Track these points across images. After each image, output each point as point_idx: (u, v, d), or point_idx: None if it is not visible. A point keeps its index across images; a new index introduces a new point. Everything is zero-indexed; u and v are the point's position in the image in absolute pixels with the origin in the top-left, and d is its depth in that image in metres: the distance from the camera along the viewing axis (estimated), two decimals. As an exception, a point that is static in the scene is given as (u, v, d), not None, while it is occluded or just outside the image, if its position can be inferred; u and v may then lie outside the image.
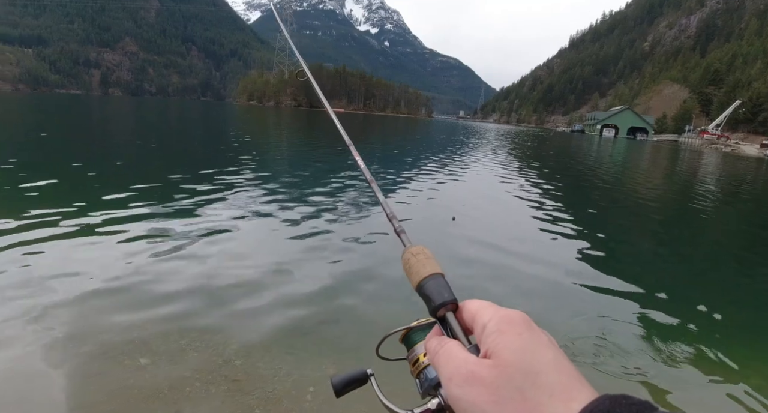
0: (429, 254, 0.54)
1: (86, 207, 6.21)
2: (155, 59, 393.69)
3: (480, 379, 0.37)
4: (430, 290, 0.49)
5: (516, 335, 0.38)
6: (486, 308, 0.43)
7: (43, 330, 3.13)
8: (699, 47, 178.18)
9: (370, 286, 4.40)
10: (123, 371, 2.78)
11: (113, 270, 4.17)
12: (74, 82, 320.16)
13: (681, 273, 5.99)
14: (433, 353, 0.44)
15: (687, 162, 33.76)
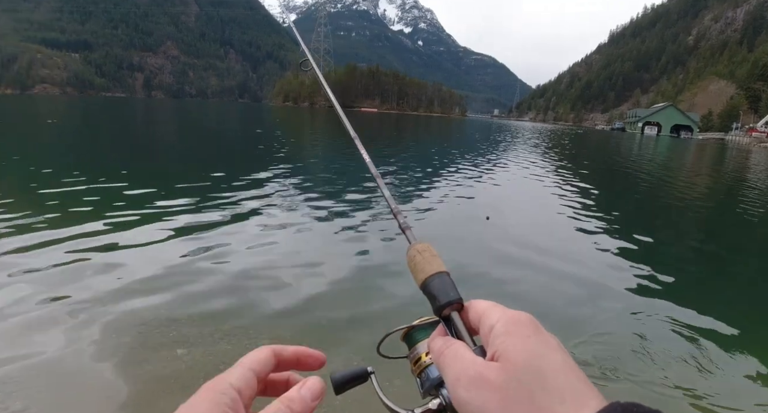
0: (434, 251, 0.53)
1: (125, 205, 6.43)
2: (195, 62, 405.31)
3: (488, 382, 0.36)
4: (436, 288, 0.49)
5: (524, 337, 0.38)
6: (493, 310, 0.42)
7: (84, 322, 3.32)
8: (746, 41, 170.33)
9: (391, 284, 4.42)
10: (160, 361, 2.92)
11: (150, 267, 4.34)
12: (119, 86, 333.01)
13: (723, 280, 5.80)
14: (438, 353, 0.43)
15: (734, 162, 32.38)
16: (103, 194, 7.43)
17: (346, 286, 4.35)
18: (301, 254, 5.07)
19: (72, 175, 8.63)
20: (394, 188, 9.81)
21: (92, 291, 3.78)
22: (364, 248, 5.56)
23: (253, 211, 6.87)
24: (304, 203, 7.76)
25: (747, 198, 13.50)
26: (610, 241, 6.82)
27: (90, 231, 5.26)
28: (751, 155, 42.28)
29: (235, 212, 6.51)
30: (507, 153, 21.90)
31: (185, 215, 6.31)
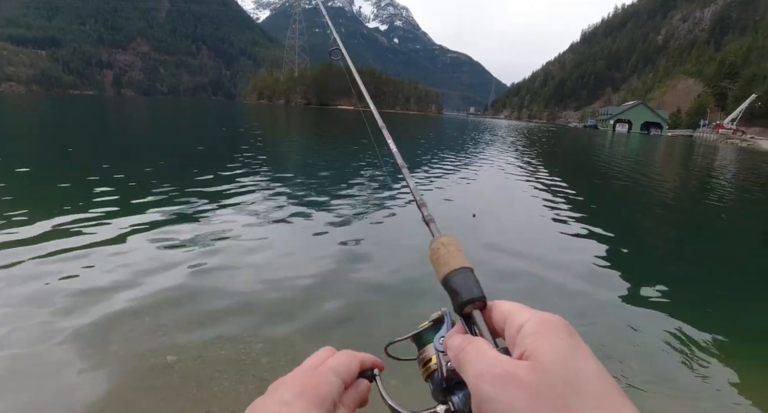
0: (459, 246, 0.51)
1: (109, 211, 6.22)
2: (166, 59, 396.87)
3: (517, 380, 0.34)
4: (458, 284, 0.46)
5: (558, 339, 0.36)
6: (521, 310, 0.40)
7: (69, 330, 3.14)
8: (714, 40, 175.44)
9: (392, 283, 4.36)
10: (150, 369, 2.77)
11: (132, 272, 4.16)
12: (87, 83, 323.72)
13: (698, 273, 5.86)
14: (458, 349, 0.41)
15: (703, 158, 33.25)
16: (77, 196, 7.15)
17: (336, 286, 4.24)
18: (290, 255, 4.93)
19: (46, 175, 8.28)
20: (378, 184, 9.69)
21: (72, 298, 3.58)
22: (352, 247, 5.46)
23: (239, 212, 6.68)
24: (290, 203, 7.62)
25: (718, 193, 13.82)
26: (587, 239, 6.85)
27: (65, 234, 5.04)
28: (718, 151, 43.52)
29: (220, 215, 6.30)
30: (486, 150, 22.01)
31: (169, 217, 6.10)
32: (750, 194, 14.47)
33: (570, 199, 9.65)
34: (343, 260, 4.85)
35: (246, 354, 2.97)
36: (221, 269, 4.35)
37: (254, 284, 4.08)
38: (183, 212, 6.31)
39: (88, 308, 3.44)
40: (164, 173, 9.25)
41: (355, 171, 11.34)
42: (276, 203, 7.21)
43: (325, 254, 5.03)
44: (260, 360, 2.93)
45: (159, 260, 4.43)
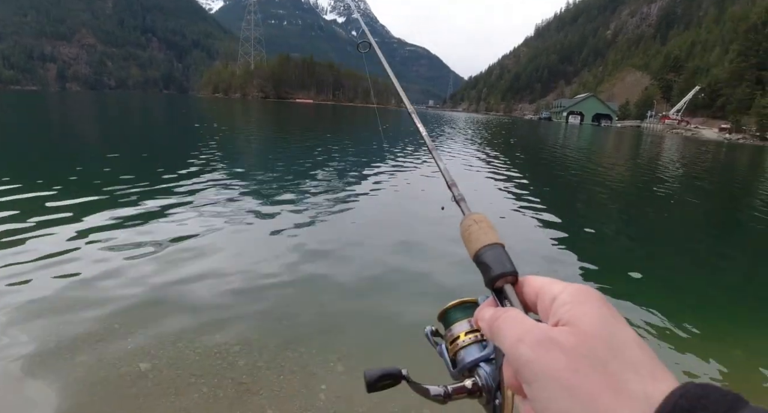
0: (491, 223, 0.52)
1: (70, 210, 5.95)
2: (114, 52, 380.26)
3: (557, 343, 0.34)
4: (490, 259, 0.47)
5: (595, 307, 0.36)
6: (554, 282, 0.41)
7: (32, 341, 2.99)
8: (660, 35, 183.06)
9: (363, 281, 4.33)
10: (123, 378, 2.65)
11: (100, 275, 4.00)
12: (30, 78, 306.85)
13: (647, 253, 6.12)
14: (493, 318, 0.40)
15: (651, 147, 34.70)
16: (32, 200, 6.77)
17: (307, 285, 4.18)
18: (258, 256, 4.82)
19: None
20: (339, 179, 9.62)
21: (30, 308, 3.36)
22: (321, 246, 5.41)
23: (203, 214, 6.51)
24: (257, 202, 7.46)
25: (664, 179, 14.45)
26: (550, 226, 7.03)
27: (21, 238, 4.79)
28: (665, 141, 45.52)
29: (183, 216, 6.06)
30: (447, 143, 22.19)
31: (132, 220, 5.88)
32: (696, 179, 15.22)
33: (529, 190, 9.88)
34: (312, 260, 4.79)
35: (222, 358, 2.90)
36: (189, 272, 4.21)
37: (224, 286, 3.97)
38: (148, 214, 6.08)
39: (50, 318, 3.25)
40: (124, 173, 8.87)
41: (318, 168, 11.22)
42: (241, 204, 7.05)
43: (293, 253, 4.96)
44: (237, 362, 2.86)
45: (124, 266, 4.25)
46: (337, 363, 2.93)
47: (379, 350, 3.19)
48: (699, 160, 24.70)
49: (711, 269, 5.69)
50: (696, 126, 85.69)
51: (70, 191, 6.80)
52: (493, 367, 0.48)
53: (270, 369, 2.81)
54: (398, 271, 4.54)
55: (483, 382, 0.47)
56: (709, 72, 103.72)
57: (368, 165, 11.80)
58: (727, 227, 8.68)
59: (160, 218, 5.80)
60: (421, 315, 3.61)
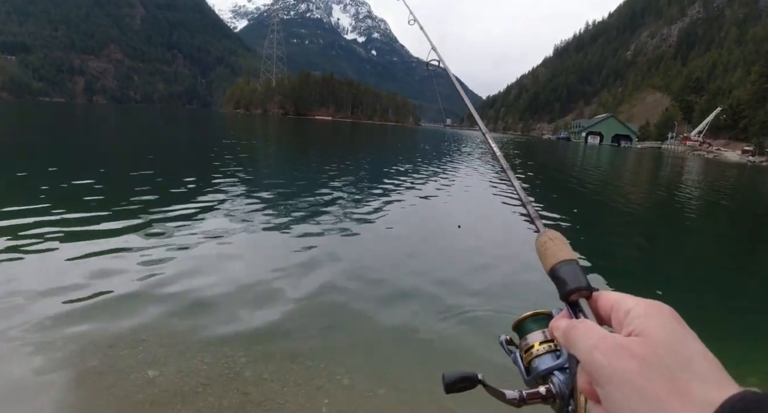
0: (565, 240, 0.54)
1: (88, 220, 6.10)
2: (140, 66, 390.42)
3: (629, 351, 0.36)
4: (566, 274, 0.49)
5: (667, 320, 0.38)
6: (629, 297, 0.43)
7: (46, 344, 3.05)
8: (680, 56, 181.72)
9: (368, 290, 4.37)
10: (131, 385, 2.69)
11: (113, 283, 4.08)
12: (58, 91, 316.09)
13: (672, 277, 6.05)
14: (569, 326, 0.43)
15: (672, 168, 34.26)
16: (48, 207, 6.96)
17: (315, 298, 4.21)
18: (269, 267, 4.87)
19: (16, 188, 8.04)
20: (357, 196, 9.72)
21: (45, 312, 3.45)
22: (333, 259, 5.45)
23: (218, 224, 6.63)
24: (260, 213, 7.54)
25: (686, 202, 14.25)
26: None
27: (45, 248, 4.88)
28: (686, 162, 44.90)
29: (198, 228, 6.19)
30: (465, 161, 22.23)
31: (149, 228, 6.00)
32: (718, 202, 14.99)
33: (548, 208, 9.85)
34: (325, 274, 4.82)
35: (229, 368, 2.93)
36: (201, 282, 4.28)
37: (235, 297, 4.03)
38: (164, 224, 6.20)
39: (63, 324, 3.32)
40: (153, 184, 9.09)
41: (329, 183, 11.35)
42: (256, 216, 7.15)
43: (306, 266, 5.01)
44: (244, 373, 2.89)
45: (137, 274, 4.34)
46: (343, 376, 2.94)
47: (386, 365, 3.18)
48: (721, 182, 24.30)
49: (731, 292, 5.61)
50: (718, 148, 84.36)
51: (89, 200, 6.99)
52: (566, 375, 0.51)
53: (275, 381, 2.83)
54: (410, 289, 4.55)
55: (557, 389, 0.50)
56: (730, 93, 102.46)
57: (385, 182, 11.89)
58: (750, 251, 8.53)
59: (175, 228, 5.91)
60: (433, 333, 3.63)
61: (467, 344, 3.55)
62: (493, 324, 3.88)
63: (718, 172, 34.20)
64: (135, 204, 7.05)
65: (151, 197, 7.62)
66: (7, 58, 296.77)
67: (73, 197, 7.29)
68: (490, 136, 0.83)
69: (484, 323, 3.94)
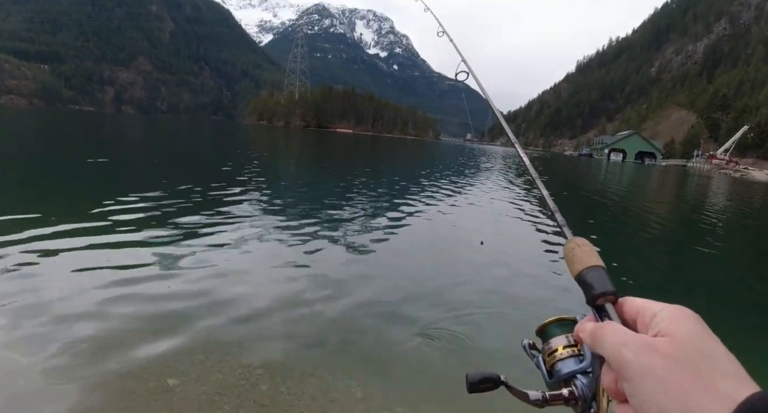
0: (593, 247, 0.56)
1: (103, 226, 6.22)
2: (168, 78, 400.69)
3: (657, 349, 0.38)
4: (593, 279, 0.51)
5: (692, 323, 0.40)
6: (655, 303, 0.44)
7: (66, 348, 3.08)
8: (706, 73, 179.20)
9: (392, 303, 4.35)
10: (150, 392, 2.73)
11: (136, 291, 4.14)
12: (88, 99, 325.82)
13: (694, 290, 5.90)
14: (596, 327, 0.45)
15: (698, 187, 33.58)
16: (72, 212, 7.13)
17: (332, 311, 4.18)
18: (285, 278, 4.88)
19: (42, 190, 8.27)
20: (377, 209, 9.75)
21: (70, 316, 3.52)
22: (352, 270, 5.45)
23: (238, 237, 6.69)
24: (281, 226, 7.62)
25: (714, 222, 13.92)
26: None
27: (58, 250, 5.01)
28: (712, 181, 43.97)
29: (221, 238, 6.24)
30: (485, 176, 22.16)
31: (172, 235, 6.11)
32: (745, 224, 14.61)
33: (570, 221, 9.71)
34: (344, 286, 4.81)
35: (245, 379, 2.95)
36: (219, 292, 4.30)
37: (255, 308, 4.04)
38: (184, 232, 6.29)
39: (87, 328, 3.38)
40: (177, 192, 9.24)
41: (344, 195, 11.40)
42: (276, 226, 7.21)
43: (325, 278, 5.02)
44: (260, 385, 2.91)
45: (159, 283, 4.39)
46: (357, 390, 2.95)
47: (402, 381, 3.17)
48: (748, 202, 23.70)
49: (753, 307, 5.44)
50: (745, 167, 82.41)
51: (112, 207, 7.11)
52: (589, 379, 0.52)
53: (291, 395, 2.85)
54: (429, 306, 4.49)
55: (580, 392, 0.51)
56: (758, 111, 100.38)
57: (405, 196, 11.89)
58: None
59: (196, 238, 5.96)
60: (450, 350, 3.61)
61: (485, 362, 3.54)
62: (512, 339, 3.85)
63: (744, 191, 33.38)
64: (159, 211, 7.15)
65: (175, 205, 7.73)
66: (40, 67, 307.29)
67: (94, 203, 7.43)
68: (520, 146, 0.89)
69: (502, 341, 3.91)
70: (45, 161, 13.45)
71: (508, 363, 3.34)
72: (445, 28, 1.54)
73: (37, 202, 7.20)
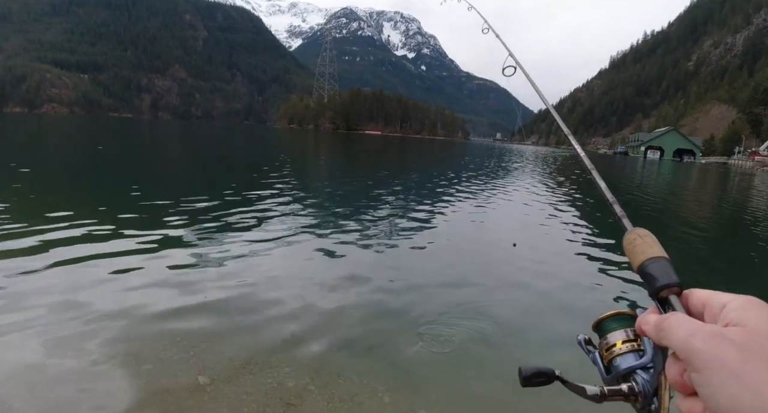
0: (655, 238, 0.54)
1: (141, 227, 6.42)
2: (202, 85, 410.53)
3: (728, 338, 0.37)
4: (656, 270, 0.49)
5: (765, 312, 0.39)
6: (722, 294, 0.43)
7: (101, 346, 3.21)
8: (746, 66, 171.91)
9: (422, 306, 4.36)
10: (182, 389, 2.80)
11: (169, 290, 4.28)
12: (126, 106, 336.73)
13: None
14: (662, 319, 0.44)
15: (739, 184, 32.34)
16: (108, 213, 7.35)
17: (358, 311, 4.23)
18: (316, 280, 4.94)
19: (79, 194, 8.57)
20: (407, 211, 9.81)
21: (107, 315, 3.66)
22: (372, 274, 5.51)
23: (268, 236, 6.80)
24: (312, 227, 7.68)
25: (756, 217, 13.44)
26: (622, 270, 6.77)
27: (98, 252, 5.20)
28: (754, 179, 42.25)
29: (249, 238, 6.35)
30: (515, 176, 21.93)
31: (205, 238, 6.26)
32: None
33: (602, 229, 9.57)
34: (372, 289, 4.84)
35: (273, 378, 2.99)
36: (252, 292, 4.40)
37: (283, 308, 4.11)
38: (216, 233, 6.45)
39: (121, 326, 3.50)
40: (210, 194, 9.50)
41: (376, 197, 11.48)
42: (309, 227, 7.30)
43: (354, 280, 5.07)
44: (287, 383, 2.95)
45: (192, 283, 4.52)
46: (384, 394, 2.94)
47: (430, 385, 3.15)
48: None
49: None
50: (791, 164, 78.72)
51: (146, 209, 7.36)
52: (650, 374, 0.51)
53: (321, 394, 2.87)
54: (459, 310, 4.43)
55: (640, 388, 0.50)
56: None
57: (435, 197, 11.90)
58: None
59: (228, 239, 6.10)
60: (477, 353, 3.59)
61: (522, 364, 3.59)
62: (551, 339, 3.84)
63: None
64: (192, 214, 7.34)
65: (208, 207, 7.92)
66: (80, 76, 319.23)
67: (129, 205, 7.73)
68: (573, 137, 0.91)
69: (540, 342, 3.88)
70: (86, 164, 14.02)
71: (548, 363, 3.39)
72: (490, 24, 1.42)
73: (76, 204, 7.54)
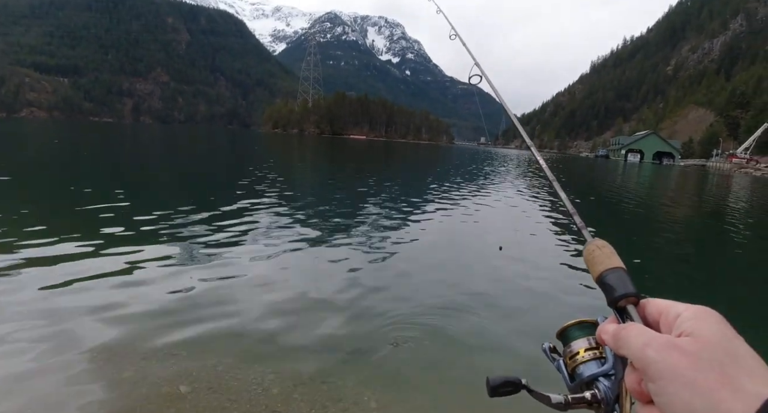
0: (612, 249, 0.56)
1: (124, 234, 6.35)
2: (185, 88, 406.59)
3: (681, 348, 0.38)
4: (614, 281, 0.51)
5: (715, 323, 0.40)
6: (677, 304, 0.44)
7: (82, 354, 3.14)
8: (723, 70, 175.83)
9: (407, 309, 4.36)
10: (162, 398, 2.74)
11: (150, 297, 4.23)
12: (107, 111, 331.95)
13: (716, 291, 5.87)
14: (619, 329, 0.45)
15: (718, 186, 33.02)
16: (91, 222, 7.24)
17: (341, 320, 4.18)
18: (298, 285, 4.94)
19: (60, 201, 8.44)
20: (393, 216, 9.83)
21: (84, 323, 3.59)
22: (359, 275, 5.52)
23: (247, 245, 6.77)
24: (295, 233, 7.64)
25: (733, 218, 13.73)
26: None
27: (77, 260, 5.14)
28: (733, 181, 43.17)
29: (230, 246, 6.29)
30: (499, 179, 22.11)
31: (185, 245, 6.19)
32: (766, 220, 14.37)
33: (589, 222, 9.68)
34: (357, 294, 4.82)
35: (257, 384, 2.96)
36: (233, 300, 4.36)
37: (268, 315, 4.08)
38: (203, 240, 6.38)
39: (101, 334, 3.43)
40: (192, 201, 9.41)
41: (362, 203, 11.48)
42: (292, 234, 7.28)
43: (339, 285, 5.06)
44: (271, 390, 2.92)
45: (174, 289, 4.47)
46: (371, 398, 2.92)
47: (414, 390, 3.15)
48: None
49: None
50: (766, 165, 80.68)
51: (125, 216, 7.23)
52: (612, 381, 0.52)
53: (303, 401, 2.85)
54: (443, 314, 4.43)
55: (602, 395, 0.51)
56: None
57: (420, 201, 11.95)
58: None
59: (211, 246, 6.05)
60: (463, 357, 3.59)
61: (504, 367, 3.53)
62: (532, 343, 3.84)
63: (766, 189, 32.73)
64: (173, 220, 7.25)
65: (190, 214, 7.83)
66: (59, 80, 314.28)
67: (108, 213, 7.60)
68: (535, 149, 0.90)
69: (521, 345, 3.90)
70: (70, 170, 13.80)
71: (527, 367, 3.33)
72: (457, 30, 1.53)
73: (59, 212, 7.43)
